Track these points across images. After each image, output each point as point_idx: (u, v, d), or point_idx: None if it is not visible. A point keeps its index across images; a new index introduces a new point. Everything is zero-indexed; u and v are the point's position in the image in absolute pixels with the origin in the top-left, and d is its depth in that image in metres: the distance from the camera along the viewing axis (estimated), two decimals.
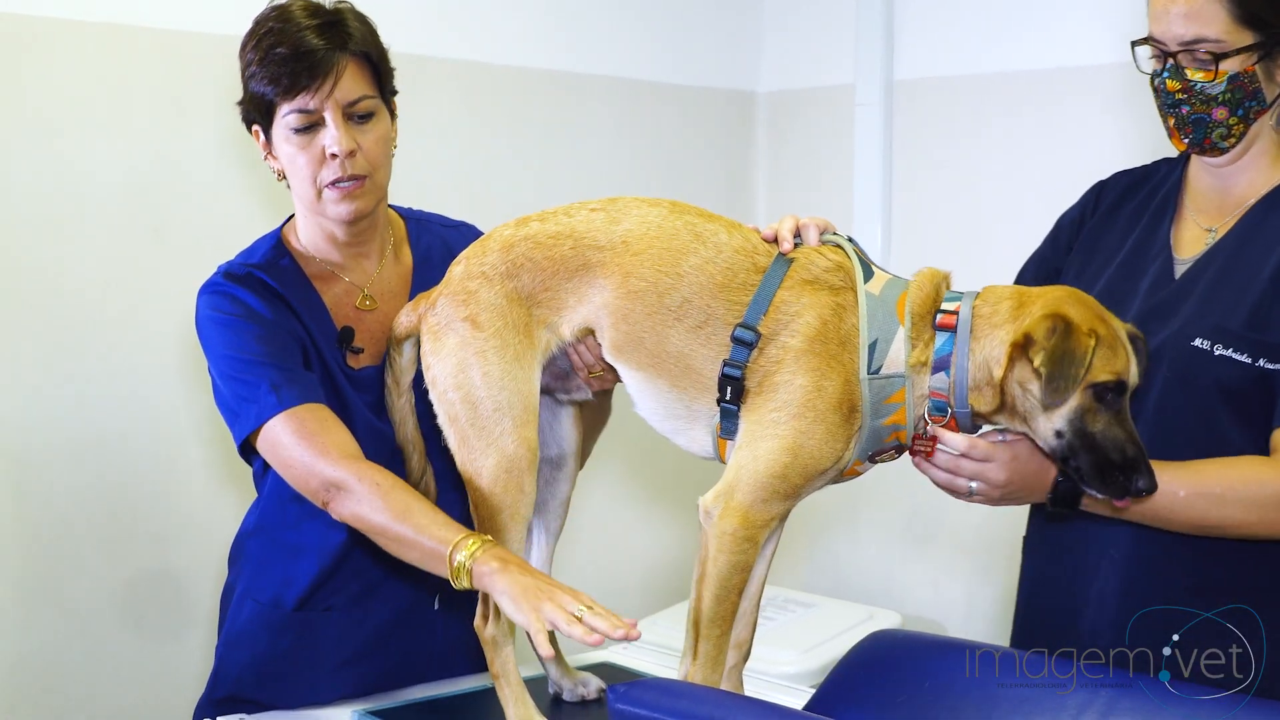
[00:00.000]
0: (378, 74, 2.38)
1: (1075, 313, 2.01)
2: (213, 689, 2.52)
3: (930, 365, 2.07)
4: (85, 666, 3.32)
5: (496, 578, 2.02)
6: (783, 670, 3.29)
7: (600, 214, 2.21)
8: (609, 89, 4.30)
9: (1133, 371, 2.04)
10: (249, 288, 2.38)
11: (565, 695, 2.46)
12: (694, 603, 2.13)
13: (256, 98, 2.33)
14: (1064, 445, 2.02)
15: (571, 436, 2.41)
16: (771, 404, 2.07)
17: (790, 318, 2.09)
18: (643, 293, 2.14)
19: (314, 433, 2.25)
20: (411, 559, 2.16)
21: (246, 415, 2.30)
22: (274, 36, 2.29)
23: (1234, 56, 2.16)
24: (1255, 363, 2.13)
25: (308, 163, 2.33)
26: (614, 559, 4.36)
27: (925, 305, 2.09)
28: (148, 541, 3.41)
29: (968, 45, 4.16)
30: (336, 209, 2.37)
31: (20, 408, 3.20)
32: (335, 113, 2.30)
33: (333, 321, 2.44)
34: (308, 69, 2.27)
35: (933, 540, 4.17)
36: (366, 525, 2.20)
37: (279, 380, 2.28)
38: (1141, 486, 2.00)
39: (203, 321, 2.38)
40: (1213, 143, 2.23)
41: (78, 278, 3.26)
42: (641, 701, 1.81)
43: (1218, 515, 2.09)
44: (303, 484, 2.27)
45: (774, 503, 2.08)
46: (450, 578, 2.08)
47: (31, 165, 3.19)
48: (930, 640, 2.29)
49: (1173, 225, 2.34)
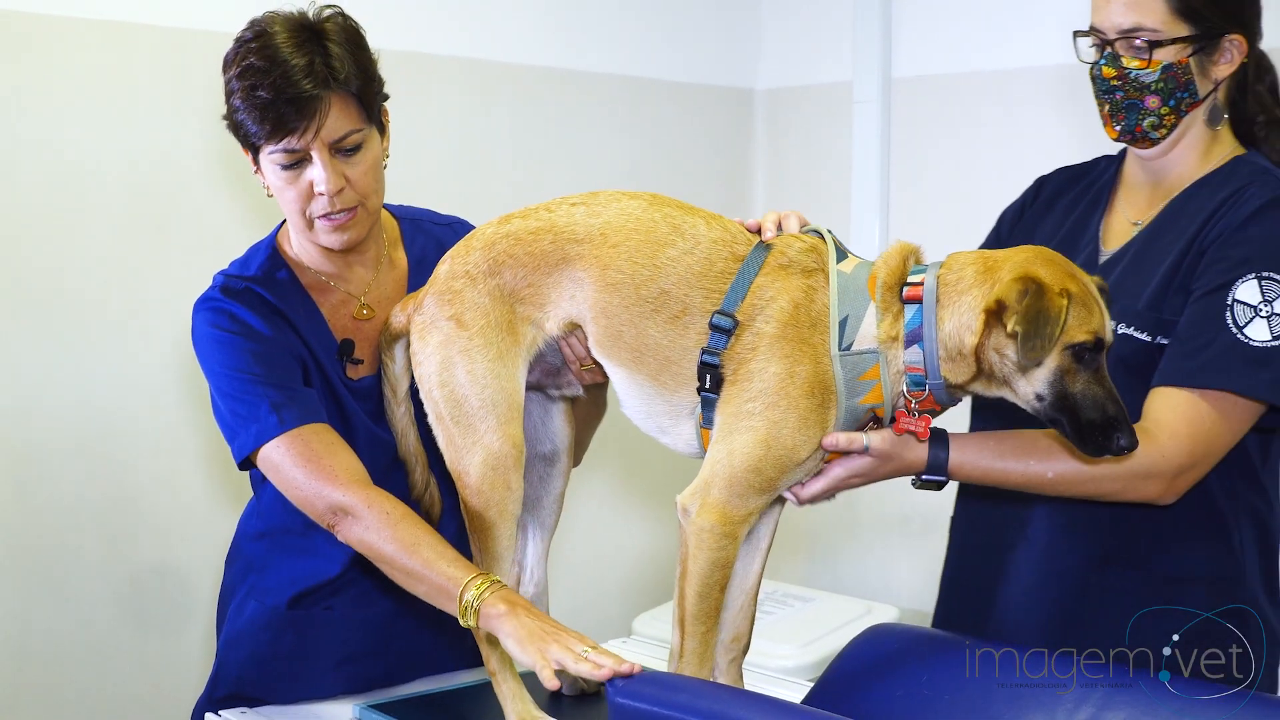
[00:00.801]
0: (364, 101, 2.30)
1: (1045, 272, 2.00)
2: (213, 688, 2.52)
3: (902, 339, 2.04)
4: (87, 660, 3.33)
5: (504, 621, 2.03)
6: (781, 664, 3.31)
7: (580, 208, 2.21)
8: (609, 86, 4.30)
9: (1108, 328, 2.03)
10: (246, 304, 2.35)
11: (564, 690, 2.44)
12: (678, 601, 2.12)
13: (240, 128, 2.28)
14: (1046, 407, 2.01)
15: (564, 432, 2.41)
16: (745, 394, 2.05)
17: (765, 303, 2.07)
18: (620, 285, 2.13)
19: (319, 455, 2.24)
20: (418, 592, 2.17)
21: (246, 435, 2.28)
22: (255, 76, 2.22)
23: (1169, 46, 2.23)
24: (1154, 340, 2.21)
25: (296, 197, 2.29)
26: (609, 555, 4.38)
27: (893, 278, 2.07)
28: (150, 537, 3.42)
29: (965, 43, 4.17)
30: (329, 238, 2.34)
31: (23, 403, 3.22)
32: (322, 151, 2.25)
33: (332, 334, 2.43)
34: (293, 113, 2.21)
35: (930, 535, 4.16)
36: (374, 554, 2.20)
37: (279, 400, 2.26)
38: (1124, 444, 2.00)
39: (200, 338, 2.36)
40: (1143, 131, 2.29)
41: (81, 274, 3.28)
42: (640, 695, 1.81)
43: (1084, 489, 2.13)
44: (308, 506, 2.25)
45: (751, 497, 2.07)
46: (458, 615, 2.09)
47: (35, 162, 3.20)
48: (927, 634, 2.29)
49: (1103, 218, 2.40)
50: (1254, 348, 2.11)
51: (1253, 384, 2.11)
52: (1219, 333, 2.13)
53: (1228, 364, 2.12)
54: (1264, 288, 2.12)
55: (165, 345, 3.35)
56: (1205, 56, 2.25)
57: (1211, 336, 2.13)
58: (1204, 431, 2.12)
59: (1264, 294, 2.12)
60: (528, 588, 2.43)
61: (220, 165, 3.44)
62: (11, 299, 3.19)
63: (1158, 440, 2.11)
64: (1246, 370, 2.11)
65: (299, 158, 2.26)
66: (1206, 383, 2.12)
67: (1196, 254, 2.20)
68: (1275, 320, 2.11)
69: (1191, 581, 2.24)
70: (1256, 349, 2.11)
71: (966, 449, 2.12)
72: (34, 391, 3.23)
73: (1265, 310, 2.11)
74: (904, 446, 2.10)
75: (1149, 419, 2.14)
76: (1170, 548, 2.25)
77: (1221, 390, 2.12)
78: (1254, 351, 2.11)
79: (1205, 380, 2.12)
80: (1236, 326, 2.12)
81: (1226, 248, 2.17)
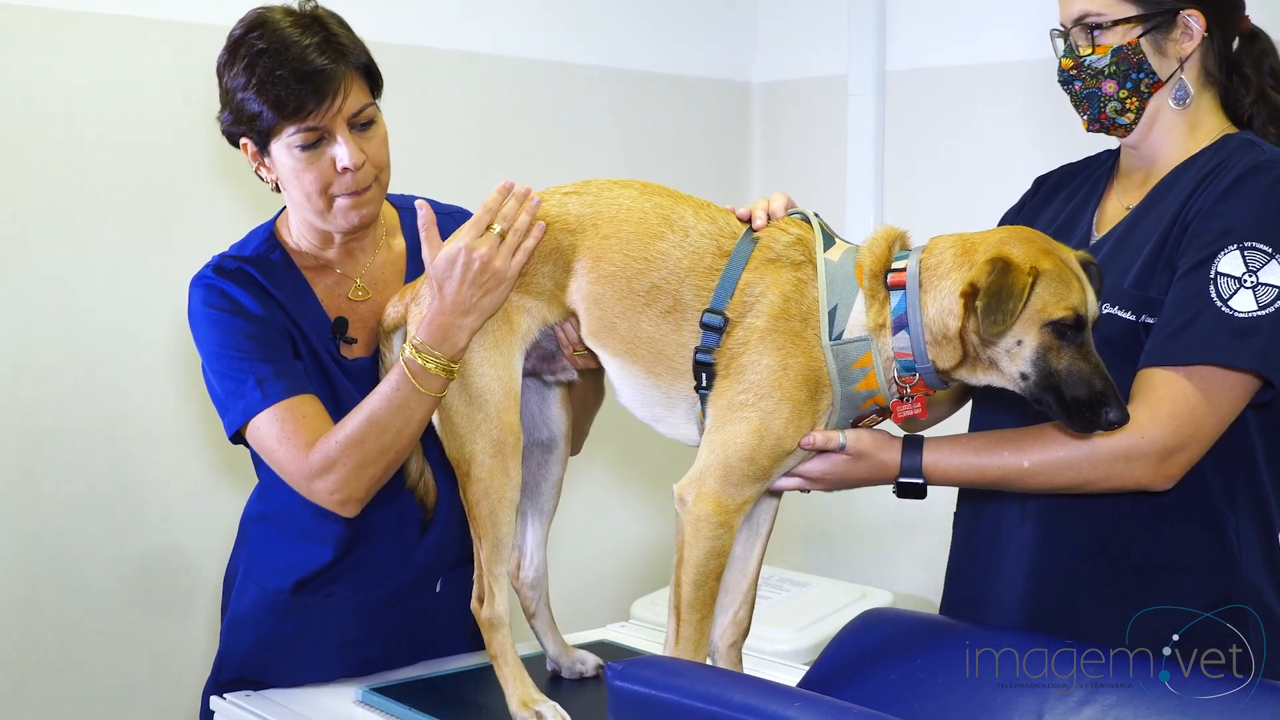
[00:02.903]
0: (371, 77, 2.37)
1: (1019, 251, 1.98)
2: (219, 671, 2.54)
3: (889, 326, 2.04)
4: (95, 644, 3.35)
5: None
6: (778, 648, 3.31)
7: (573, 198, 2.22)
8: (606, 79, 4.30)
9: (1090, 303, 2.00)
10: (239, 283, 2.38)
11: (564, 673, 2.48)
12: (674, 588, 2.11)
13: (251, 117, 2.29)
14: (1031, 386, 1.99)
15: (561, 419, 2.42)
16: (738, 386, 2.06)
17: (755, 299, 2.07)
18: (613, 277, 2.14)
19: (298, 426, 2.28)
20: (400, 423, 2.23)
21: (234, 410, 2.32)
22: (270, 58, 2.24)
23: (1115, 28, 2.20)
24: (1139, 319, 2.15)
25: (317, 177, 2.31)
26: (607, 541, 4.39)
27: (879, 265, 2.07)
28: (156, 522, 3.44)
29: (957, 36, 4.17)
30: (348, 217, 2.36)
31: (32, 391, 3.23)
32: (343, 127, 2.29)
33: (325, 313, 2.45)
34: (314, 90, 2.24)
35: (924, 522, 4.15)
36: (353, 456, 2.24)
37: (265, 375, 2.30)
38: (1112, 419, 1.97)
39: (194, 315, 2.40)
40: (1109, 118, 2.26)
41: (88, 265, 3.29)
42: (639, 679, 1.80)
43: (1064, 478, 2.09)
44: (289, 477, 2.30)
45: (745, 486, 2.07)
46: (421, 371, 2.18)
47: (42, 155, 3.22)
48: (921, 619, 2.30)
49: (1099, 205, 2.36)
50: (1239, 319, 2.03)
51: (1235, 354, 2.03)
52: (1204, 308, 2.06)
53: (1211, 338, 2.04)
54: (1247, 258, 2.05)
55: (170, 334, 3.36)
56: (1160, 35, 2.20)
57: (1196, 313, 2.06)
58: (1188, 410, 2.05)
59: (1247, 264, 2.05)
60: (528, 573, 2.45)
61: (227, 158, 3.43)
62: (21, 287, 3.21)
63: (1137, 421, 2.04)
64: (1230, 342, 2.03)
65: (319, 136, 2.28)
66: (1188, 359, 2.05)
67: (1180, 230, 2.14)
68: (1261, 289, 2.04)
69: (1183, 570, 2.18)
70: (1241, 320, 2.03)
71: (940, 449, 2.11)
72: (42, 380, 3.24)
73: (1250, 280, 2.04)
74: (879, 447, 2.10)
75: (1132, 402, 2.07)
76: (1161, 536, 2.19)
77: (1203, 365, 2.04)
78: (1239, 323, 2.03)
79: (1187, 356, 2.05)
80: (1221, 299, 2.04)
81: (1208, 220, 2.11)
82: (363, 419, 2.25)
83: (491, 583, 2.24)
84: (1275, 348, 2.04)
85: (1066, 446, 2.07)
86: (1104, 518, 2.22)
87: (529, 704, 2.22)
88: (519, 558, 2.44)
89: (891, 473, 2.11)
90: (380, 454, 2.25)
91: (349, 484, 2.27)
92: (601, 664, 2.48)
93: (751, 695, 1.71)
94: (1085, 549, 2.24)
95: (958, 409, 2.40)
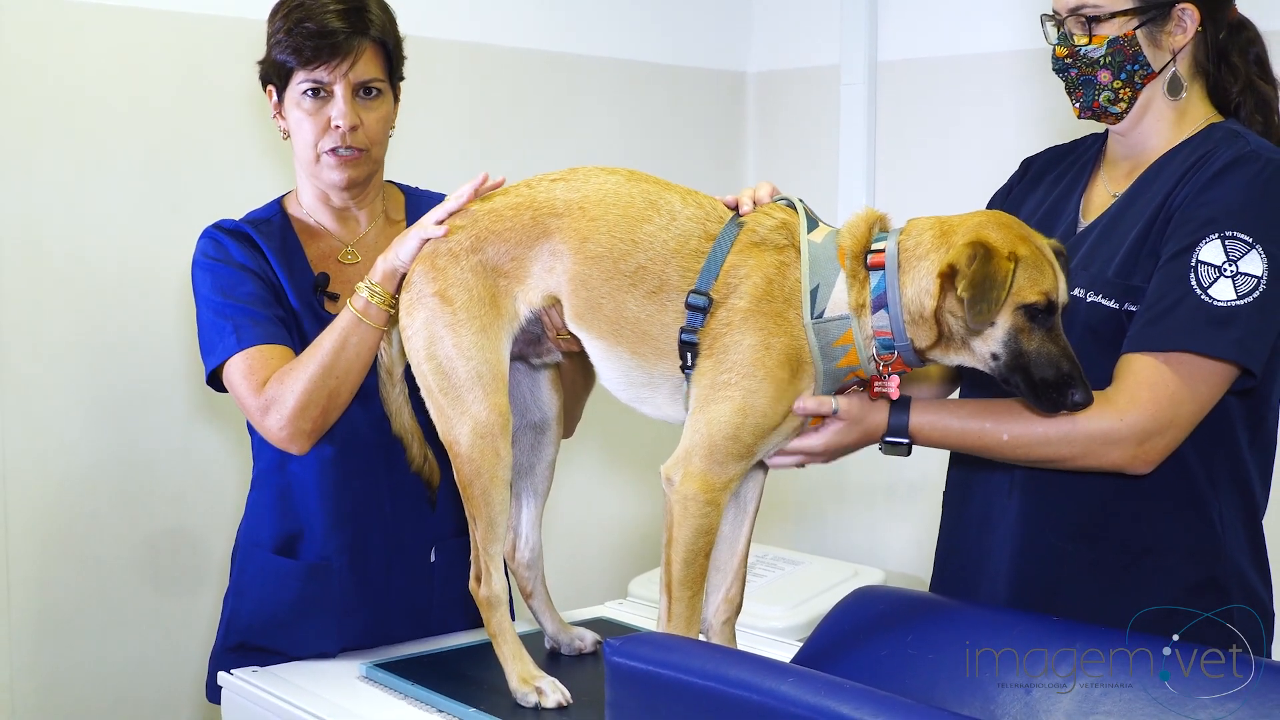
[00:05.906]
0: (390, 60, 2.54)
1: (996, 236, 2.02)
2: (225, 636, 2.61)
3: (869, 305, 2.08)
4: (105, 619, 3.37)
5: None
6: (771, 625, 3.29)
7: (560, 184, 2.24)
8: (602, 69, 4.29)
9: (1061, 289, 2.04)
10: (234, 238, 2.54)
11: (562, 649, 2.51)
12: (665, 567, 2.13)
13: (277, 64, 2.48)
14: (1000, 366, 2.04)
15: (552, 401, 2.45)
16: (722, 366, 2.09)
17: (739, 281, 2.10)
18: (599, 258, 2.16)
19: (259, 369, 2.41)
20: (349, 352, 2.37)
21: (213, 353, 2.46)
22: (303, 11, 2.45)
23: (1112, 20, 2.22)
24: (1121, 307, 2.17)
25: (312, 128, 2.49)
26: (602, 521, 4.39)
27: (859, 246, 2.11)
28: (165, 499, 3.45)
29: (949, 27, 4.17)
30: (331, 174, 2.52)
31: (43, 372, 3.25)
32: (345, 89, 2.47)
33: (312, 271, 2.58)
34: (329, 47, 2.43)
35: (915, 500, 4.18)
36: (297, 390, 2.38)
37: (243, 322, 2.43)
38: (1077, 400, 2.02)
39: (194, 263, 2.55)
40: (1102, 106, 2.28)
41: (99, 251, 3.31)
42: (637, 655, 1.83)
43: (1041, 453, 2.12)
44: (251, 417, 2.45)
45: (730, 464, 2.10)
46: (367, 304, 2.34)
47: (55, 144, 3.23)
48: (912, 596, 2.32)
49: (1085, 192, 2.38)
50: (1218, 308, 2.06)
51: (1214, 344, 2.06)
52: (1184, 296, 2.08)
53: (1191, 326, 2.06)
54: (1228, 247, 2.08)
55: (180, 317, 3.38)
56: (1155, 27, 2.23)
57: (1176, 300, 2.09)
58: (1167, 396, 2.07)
59: (1228, 254, 2.07)
60: (523, 553, 2.48)
61: (237, 147, 3.48)
62: (35, 273, 3.22)
63: (1116, 404, 2.08)
64: (1209, 330, 2.06)
65: (321, 90, 2.47)
66: (1168, 345, 2.08)
67: (1164, 219, 2.16)
68: (1240, 279, 2.06)
69: (1165, 553, 2.21)
70: (1220, 309, 2.06)
71: (926, 412, 2.15)
72: (55, 361, 3.26)
73: (1230, 270, 2.07)
74: (869, 411, 2.15)
75: (1112, 386, 2.10)
76: (1143, 519, 2.22)
77: (1182, 352, 2.07)
78: (1218, 311, 2.06)
79: (1167, 343, 2.08)
80: (1201, 288, 2.07)
81: (1191, 209, 2.13)
82: (308, 355, 2.39)
83: (488, 562, 2.27)
84: (1253, 337, 2.08)
85: (1046, 424, 2.10)
86: (1090, 499, 2.25)
87: (529, 680, 2.25)
88: (515, 538, 2.47)
89: (880, 432, 2.17)
90: (323, 389, 2.38)
91: (296, 419, 2.39)
92: (600, 640, 2.50)
93: (746, 670, 1.72)
94: (1071, 529, 2.27)
95: (953, 390, 2.43)
